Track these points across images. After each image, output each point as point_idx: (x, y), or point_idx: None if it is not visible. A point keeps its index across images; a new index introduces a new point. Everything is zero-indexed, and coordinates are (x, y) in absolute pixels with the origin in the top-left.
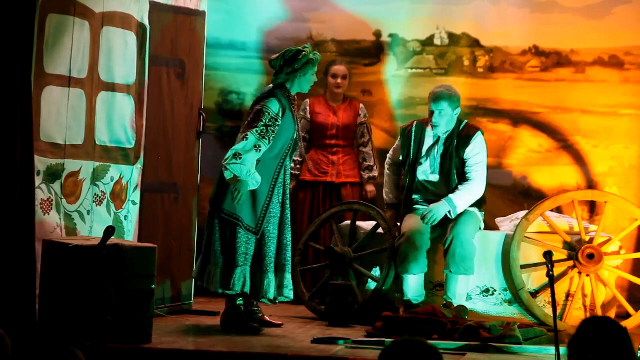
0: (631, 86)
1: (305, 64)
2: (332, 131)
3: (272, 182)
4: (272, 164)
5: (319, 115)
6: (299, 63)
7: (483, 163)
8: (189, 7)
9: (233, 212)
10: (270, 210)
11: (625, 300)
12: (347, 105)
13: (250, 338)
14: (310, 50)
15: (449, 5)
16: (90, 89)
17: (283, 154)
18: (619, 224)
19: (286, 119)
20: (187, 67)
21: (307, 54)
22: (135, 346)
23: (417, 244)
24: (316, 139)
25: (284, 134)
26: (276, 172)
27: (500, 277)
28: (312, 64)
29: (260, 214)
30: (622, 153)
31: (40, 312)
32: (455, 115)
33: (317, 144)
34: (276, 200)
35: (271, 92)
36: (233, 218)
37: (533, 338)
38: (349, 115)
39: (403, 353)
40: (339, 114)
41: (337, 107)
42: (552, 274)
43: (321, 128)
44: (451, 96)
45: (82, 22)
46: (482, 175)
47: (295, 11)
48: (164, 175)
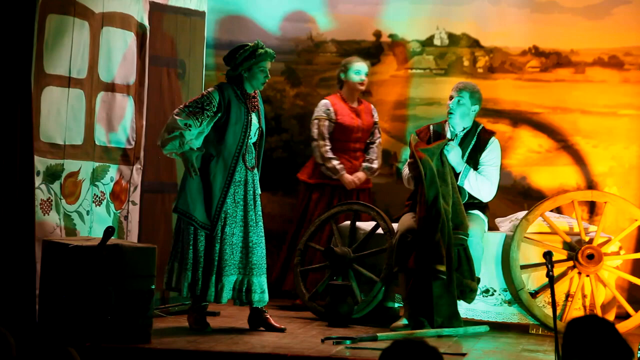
0: (631, 86)
1: (245, 59)
2: (358, 134)
3: (227, 179)
4: (226, 160)
5: (344, 117)
6: (239, 58)
7: (497, 167)
8: (189, 7)
9: (186, 210)
10: (225, 209)
11: (625, 300)
12: (364, 106)
13: (251, 338)
14: (254, 45)
15: (449, 5)
16: (89, 89)
17: (236, 150)
18: (619, 224)
19: (233, 111)
20: (187, 67)
21: (248, 49)
22: (134, 346)
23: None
24: (340, 141)
25: (231, 127)
26: (231, 168)
27: (500, 278)
28: (253, 60)
29: (215, 211)
30: (622, 153)
31: (40, 312)
32: (472, 112)
33: (340, 147)
34: (231, 200)
35: (218, 84)
36: (186, 216)
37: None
38: (368, 117)
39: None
40: (362, 116)
41: (358, 109)
42: (551, 274)
43: (347, 130)
44: (474, 92)
45: (82, 22)
46: (495, 178)
47: (295, 11)
48: (164, 175)
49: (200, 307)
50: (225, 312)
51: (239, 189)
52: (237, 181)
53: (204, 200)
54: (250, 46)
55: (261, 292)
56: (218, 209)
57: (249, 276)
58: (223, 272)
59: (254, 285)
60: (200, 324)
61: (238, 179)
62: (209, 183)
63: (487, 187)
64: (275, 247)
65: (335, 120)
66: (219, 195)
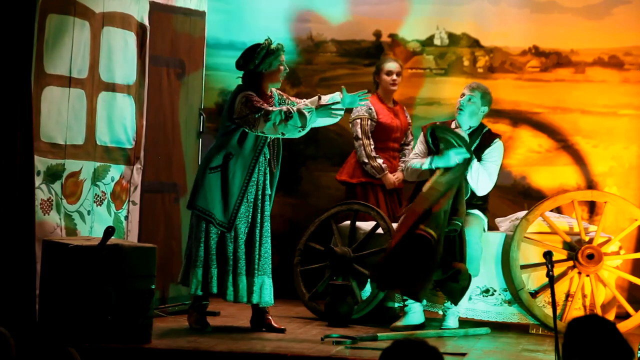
0: (631, 86)
1: (266, 56)
2: (397, 134)
3: (246, 179)
4: (247, 159)
5: (385, 117)
6: (259, 57)
7: (497, 165)
8: (189, 7)
9: (205, 208)
10: (241, 208)
11: (625, 300)
12: (399, 106)
13: (251, 338)
14: (269, 42)
15: (449, 5)
16: (90, 89)
17: (257, 150)
18: (619, 224)
19: None
20: (187, 67)
21: (264, 47)
22: (134, 346)
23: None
24: (380, 141)
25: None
26: (250, 168)
27: (500, 277)
28: (272, 55)
29: (233, 210)
30: (621, 153)
31: (40, 312)
32: (480, 113)
33: (380, 147)
34: (245, 199)
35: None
36: (205, 214)
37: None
38: (404, 117)
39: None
40: (399, 116)
41: (395, 109)
42: (552, 274)
43: (387, 130)
44: (486, 93)
45: (82, 22)
46: (494, 174)
47: (295, 11)
48: (164, 175)
49: (201, 306)
50: (225, 312)
51: (252, 189)
52: (253, 181)
53: (222, 198)
54: (265, 44)
55: (269, 292)
56: (236, 208)
57: (254, 276)
58: (241, 271)
59: (264, 285)
60: (201, 323)
61: (253, 180)
62: (227, 182)
63: (486, 180)
64: (276, 247)
65: (377, 120)
66: (237, 195)
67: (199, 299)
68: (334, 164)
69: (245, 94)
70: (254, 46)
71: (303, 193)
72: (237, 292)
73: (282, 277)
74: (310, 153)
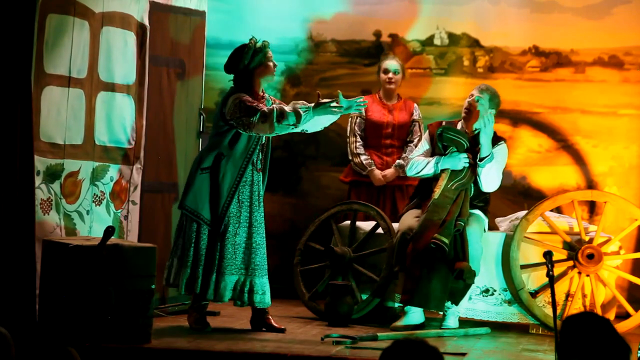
0: (631, 86)
1: (254, 54)
2: (388, 130)
3: (236, 180)
4: (238, 160)
5: (374, 114)
6: (248, 56)
7: (501, 165)
8: (189, 7)
9: (194, 209)
10: (230, 209)
11: (625, 300)
12: (402, 104)
13: (251, 338)
14: (254, 41)
15: (449, 5)
16: (89, 89)
17: (249, 151)
18: (619, 224)
19: None
20: (187, 67)
21: (251, 46)
22: (134, 346)
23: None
24: (371, 137)
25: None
26: (241, 169)
27: (500, 277)
28: (260, 53)
29: (221, 210)
30: (622, 153)
31: (40, 312)
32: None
33: (372, 144)
34: (235, 200)
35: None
36: (194, 215)
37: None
38: (404, 114)
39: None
40: (394, 113)
41: (392, 106)
42: (552, 274)
43: (377, 127)
44: (494, 96)
45: (82, 22)
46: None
47: (295, 11)
48: (164, 175)
49: (201, 306)
50: (225, 312)
51: (245, 189)
52: (244, 181)
53: (210, 199)
54: (251, 43)
55: (262, 293)
56: (225, 208)
57: (251, 277)
58: (225, 270)
59: (256, 286)
60: (201, 323)
61: (245, 180)
62: (217, 182)
63: (497, 179)
64: (276, 247)
65: (366, 117)
66: (226, 195)
67: (199, 299)
68: (334, 164)
69: (238, 95)
70: (240, 47)
71: (303, 193)
72: (218, 291)
73: (282, 277)
74: (310, 153)
